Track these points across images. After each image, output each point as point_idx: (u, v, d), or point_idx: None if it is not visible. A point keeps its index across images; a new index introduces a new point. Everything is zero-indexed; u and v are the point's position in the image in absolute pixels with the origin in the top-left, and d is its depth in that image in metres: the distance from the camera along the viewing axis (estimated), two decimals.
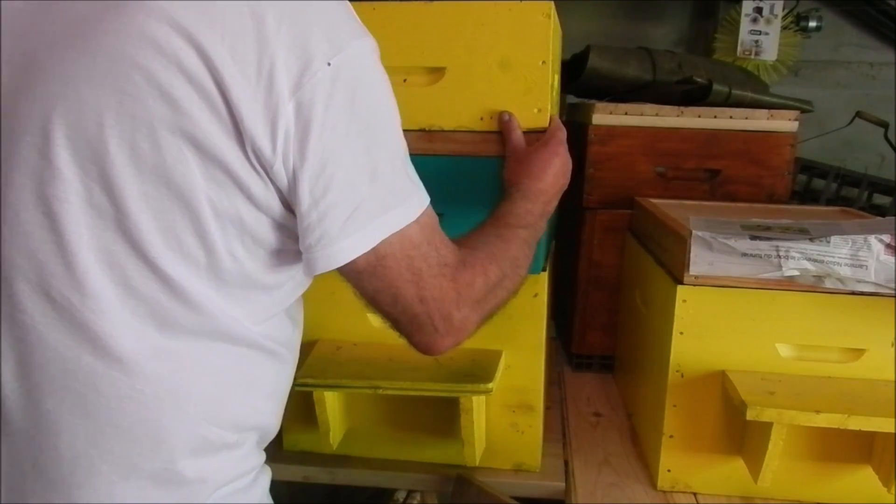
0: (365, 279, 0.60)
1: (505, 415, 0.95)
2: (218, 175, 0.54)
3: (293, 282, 0.65)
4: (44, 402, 0.56)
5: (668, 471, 0.92)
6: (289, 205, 0.58)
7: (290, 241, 0.60)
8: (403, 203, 0.59)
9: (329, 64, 0.54)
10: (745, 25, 1.66)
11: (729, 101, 1.22)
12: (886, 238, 0.81)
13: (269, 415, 0.68)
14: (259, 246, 0.59)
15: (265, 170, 0.55)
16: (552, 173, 0.82)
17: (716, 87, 1.22)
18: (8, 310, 0.55)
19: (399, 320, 0.64)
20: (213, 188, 0.55)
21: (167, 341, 0.57)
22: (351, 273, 0.60)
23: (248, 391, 0.64)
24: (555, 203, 0.84)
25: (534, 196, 0.80)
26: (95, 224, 0.54)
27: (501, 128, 0.86)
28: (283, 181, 0.56)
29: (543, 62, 0.85)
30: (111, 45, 0.52)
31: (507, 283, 0.70)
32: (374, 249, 0.58)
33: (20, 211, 0.54)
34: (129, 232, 0.54)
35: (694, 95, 1.25)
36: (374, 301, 0.63)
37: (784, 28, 1.68)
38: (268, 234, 0.59)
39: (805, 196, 1.59)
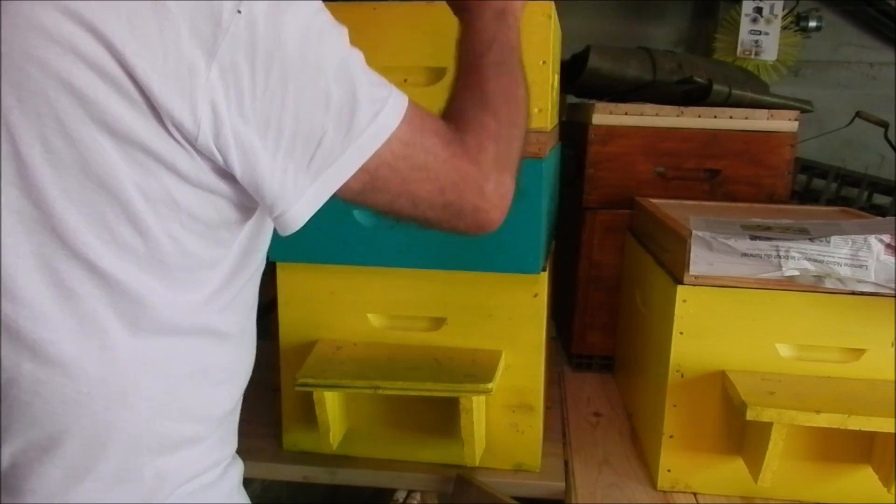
0: (370, 196, 0.57)
1: (505, 415, 0.95)
2: (139, 157, 0.51)
3: (238, 252, 0.62)
4: (11, 407, 0.55)
5: (668, 471, 0.92)
6: (224, 173, 0.55)
7: (229, 210, 0.58)
8: (377, 116, 0.55)
9: (239, 11, 0.50)
10: (745, 25, 1.66)
11: (729, 101, 1.22)
12: (886, 238, 0.81)
13: (226, 399, 0.66)
14: (198, 222, 0.56)
15: (189, 143, 0.52)
16: None
17: (716, 87, 1.22)
18: None
19: (432, 218, 0.60)
20: (138, 172, 0.52)
21: (110, 341, 0.55)
22: (353, 198, 0.57)
23: (201, 380, 0.62)
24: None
25: (477, 14, 0.72)
26: (19, 230, 0.52)
27: None
28: (213, 152, 0.52)
29: (543, 62, 0.85)
30: (1, 41, 0.49)
31: (510, 117, 0.65)
32: (362, 169, 0.55)
33: None
34: (57, 231, 0.52)
35: (694, 95, 1.25)
36: (395, 212, 0.59)
37: (784, 28, 1.68)
38: (205, 208, 0.56)
39: (805, 196, 1.59)
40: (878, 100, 1.79)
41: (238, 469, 0.69)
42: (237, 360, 0.67)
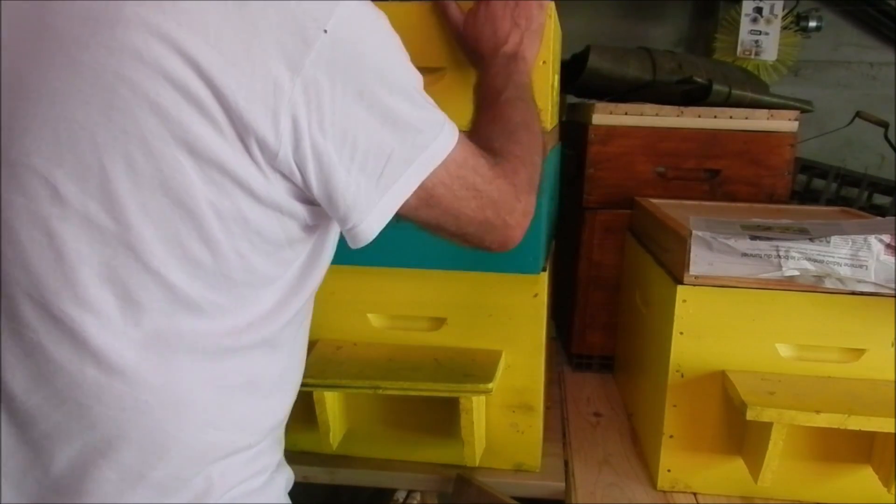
0: (422, 213, 0.61)
1: (505, 415, 0.95)
2: (216, 177, 0.53)
3: (298, 270, 0.64)
4: (53, 415, 0.57)
5: (668, 471, 0.92)
6: (297, 193, 0.57)
7: (295, 230, 0.60)
8: (436, 137, 0.59)
9: (325, 31, 0.52)
10: (745, 25, 1.66)
11: (729, 101, 1.22)
12: (886, 238, 0.81)
13: (279, 409, 0.68)
14: (265, 241, 0.59)
15: (268, 161, 0.54)
16: (490, 29, 0.79)
17: (716, 87, 1.22)
18: (13, 326, 0.55)
19: (466, 234, 0.65)
20: (213, 191, 0.54)
21: (169, 352, 0.57)
22: (408, 213, 0.61)
23: (255, 392, 0.63)
24: (517, 42, 0.79)
25: (490, 61, 0.78)
26: (95, 240, 0.54)
27: (438, 8, 0.83)
28: (294, 169, 0.55)
29: (544, 62, 0.85)
30: (93, 60, 0.51)
31: (531, 146, 0.71)
32: (421, 186, 0.59)
33: (20, 230, 0.54)
34: (130, 245, 0.54)
35: (694, 95, 1.25)
36: (438, 228, 0.64)
37: (784, 28, 1.68)
38: (273, 227, 0.58)
39: (805, 196, 1.59)
40: (878, 100, 1.79)
41: (285, 476, 0.70)
42: (289, 370, 0.68)
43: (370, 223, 0.59)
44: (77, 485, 0.58)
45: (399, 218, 0.61)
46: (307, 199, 0.58)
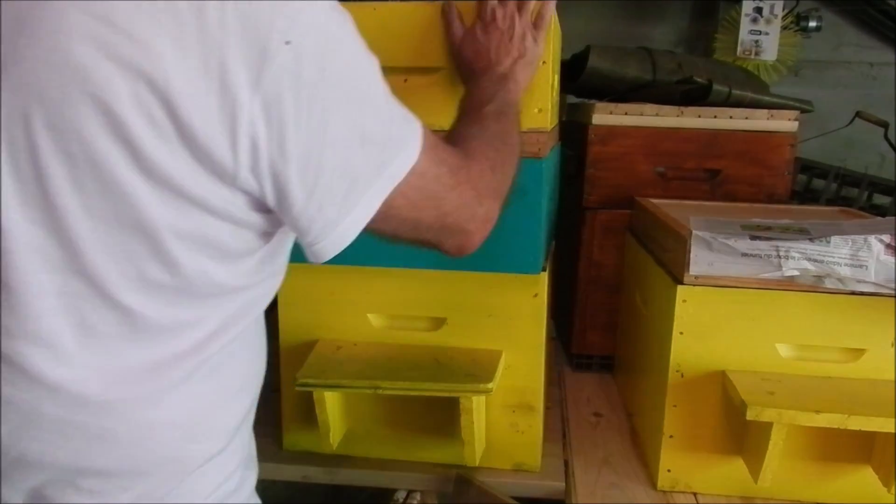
0: (379, 225, 0.58)
1: (505, 415, 0.95)
2: (173, 198, 0.50)
3: (266, 278, 0.62)
4: (12, 450, 0.55)
5: (668, 471, 0.92)
6: (256, 204, 0.54)
7: (253, 238, 0.57)
8: (401, 150, 0.56)
9: (288, 43, 0.48)
10: (745, 25, 1.66)
11: (729, 101, 1.22)
12: (886, 238, 0.81)
13: (245, 404, 0.66)
14: (224, 253, 0.55)
15: (227, 182, 0.50)
16: (484, 52, 0.80)
17: (716, 87, 1.22)
18: None
19: (424, 239, 0.63)
20: (172, 213, 0.50)
21: (132, 376, 0.54)
22: (365, 227, 0.58)
23: (224, 396, 0.62)
24: (509, 66, 0.80)
25: (479, 76, 0.78)
26: (45, 269, 0.50)
27: (443, 18, 0.84)
28: (254, 185, 0.51)
29: (543, 62, 0.85)
30: (31, 76, 0.46)
31: (506, 156, 0.70)
32: (382, 203, 0.56)
33: None
34: (84, 271, 0.51)
35: (694, 95, 1.25)
36: (396, 236, 0.62)
37: (784, 28, 1.68)
38: (232, 239, 0.55)
39: (805, 196, 1.59)
40: (878, 100, 1.79)
41: (253, 475, 0.70)
42: (253, 364, 0.67)
43: (325, 246, 0.56)
44: None
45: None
46: (266, 209, 0.55)
